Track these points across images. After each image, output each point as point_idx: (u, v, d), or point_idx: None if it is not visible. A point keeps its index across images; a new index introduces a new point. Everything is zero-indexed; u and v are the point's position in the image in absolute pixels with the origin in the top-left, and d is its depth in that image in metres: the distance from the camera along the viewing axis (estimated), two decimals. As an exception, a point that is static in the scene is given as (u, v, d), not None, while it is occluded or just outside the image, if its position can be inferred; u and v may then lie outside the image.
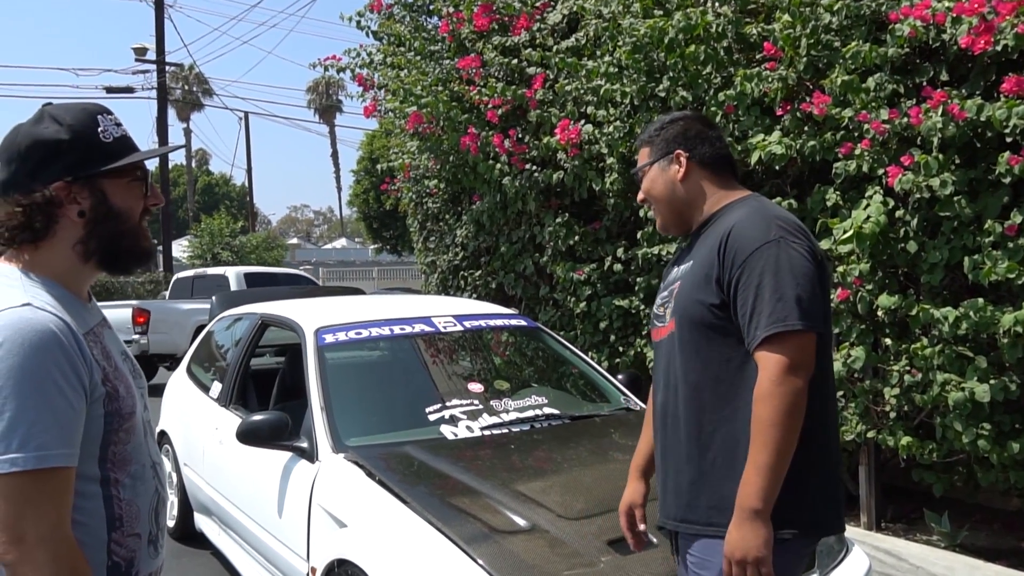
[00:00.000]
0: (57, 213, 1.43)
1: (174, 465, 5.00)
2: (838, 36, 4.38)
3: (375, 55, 7.63)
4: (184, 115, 52.10)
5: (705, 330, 1.93)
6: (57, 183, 1.42)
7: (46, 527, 1.28)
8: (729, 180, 2.11)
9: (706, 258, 1.95)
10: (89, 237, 1.45)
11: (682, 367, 1.98)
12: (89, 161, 1.44)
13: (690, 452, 1.95)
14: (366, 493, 2.98)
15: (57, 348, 1.32)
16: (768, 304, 1.80)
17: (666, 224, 2.18)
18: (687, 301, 1.98)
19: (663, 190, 2.12)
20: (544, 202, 6.40)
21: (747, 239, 1.87)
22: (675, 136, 2.11)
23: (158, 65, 21.58)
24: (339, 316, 4.10)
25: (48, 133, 1.43)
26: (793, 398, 1.76)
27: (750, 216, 1.93)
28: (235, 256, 30.22)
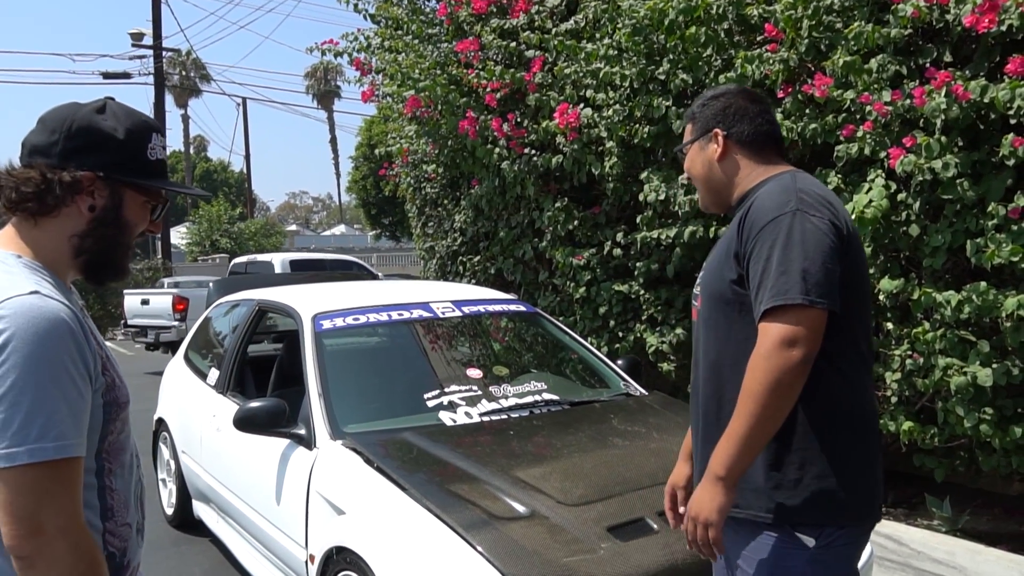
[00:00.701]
0: (71, 198, 1.43)
1: (172, 452, 4.98)
2: (840, 17, 4.34)
3: (373, 39, 7.57)
4: (182, 101, 51.95)
5: (724, 306, 1.90)
6: (87, 172, 1.43)
7: (65, 518, 1.28)
8: (771, 157, 2.04)
9: (730, 233, 1.93)
10: (88, 234, 1.46)
11: (704, 344, 1.97)
12: (126, 168, 1.47)
13: (709, 432, 1.92)
14: (364, 480, 2.96)
15: (69, 336, 1.31)
16: (772, 276, 1.75)
17: (705, 203, 2.15)
18: (711, 277, 1.96)
19: (701, 169, 2.08)
20: (543, 187, 6.36)
21: (763, 211, 1.83)
22: (715, 113, 2.06)
23: (155, 50, 21.47)
24: (337, 302, 4.07)
25: (106, 126, 1.45)
26: (781, 374, 1.70)
27: (772, 188, 1.89)
28: (234, 243, 30.19)
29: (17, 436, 1.24)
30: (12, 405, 1.24)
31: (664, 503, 2.25)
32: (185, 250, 32.59)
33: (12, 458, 1.23)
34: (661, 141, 5.33)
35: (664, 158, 5.44)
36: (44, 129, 1.44)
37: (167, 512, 5.13)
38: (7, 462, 1.23)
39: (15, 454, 1.23)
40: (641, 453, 3.19)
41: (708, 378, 1.94)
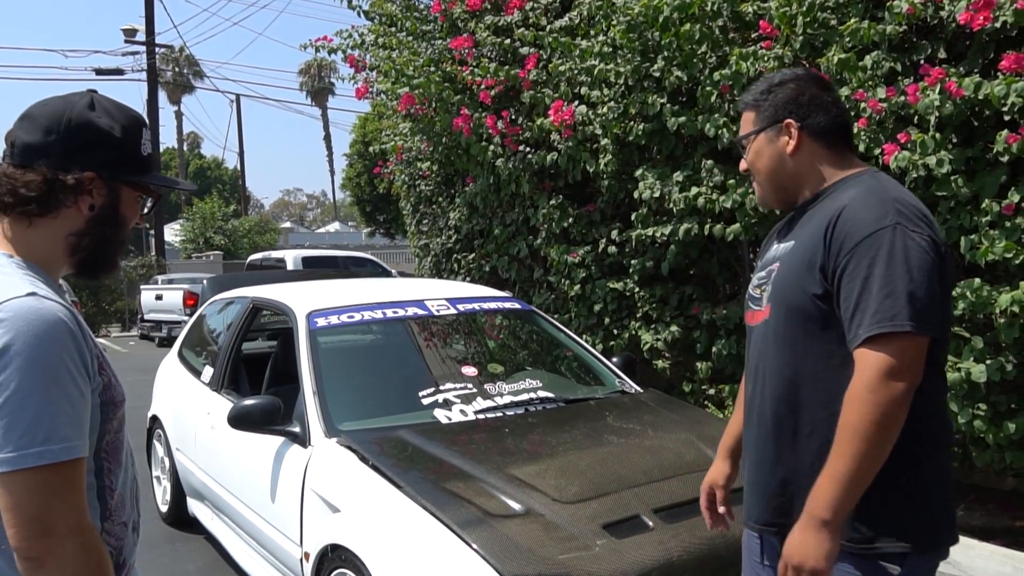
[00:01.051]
0: (72, 199, 1.42)
1: (166, 450, 4.97)
2: (835, 14, 4.34)
3: (367, 36, 7.55)
4: (175, 97, 51.76)
5: (804, 321, 1.75)
6: (90, 172, 1.42)
7: (75, 518, 1.28)
8: (844, 152, 1.88)
9: (811, 241, 1.76)
10: (87, 232, 1.45)
11: (776, 359, 1.82)
12: (125, 166, 1.47)
13: (781, 452, 1.80)
14: (359, 478, 2.95)
15: (68, 338, 1.31)
16: (875, 299, 1.61)
17: (767, 199, 1.97)
18: (786, 287, 1.80)
19: (769, 164, 1.90)
20: (538, 184, 6.36)
21: (858, 223, 1.67)
22: (786, 101, 1.86)
23: (148, 46, 21.41)
24: (331, 299, 4.06)
25: (102, 123, 1.44)
26: (887, 407, 1.57)
27: (864, 196, 1.72)
28: (228, 240, 30.13)
29: (24, 439, 1.24)
30: (18, 408, 1.24)
31: (700, 501, 2.17)
32: (179, 247, 32.51)
33: (21, 461, 1.23)
34: (656, 138, 5.33)
35: (659, 155, 5.44)
36: (36, 127, 1.41)
37: (161, 509, 5.12)
38: (16, 465, 1.23)
39: (23, 457, 1.24)
40: (636, 450, 3.19)
41: (782, 395, 1.80)
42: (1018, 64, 3.60)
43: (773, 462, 1.82)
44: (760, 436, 1.86)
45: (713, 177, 4.86)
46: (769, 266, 1.90)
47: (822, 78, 1.95)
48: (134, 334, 19.18)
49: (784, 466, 1.79)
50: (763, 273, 1.91)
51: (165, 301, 13.50)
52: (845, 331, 1.67)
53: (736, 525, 2.74)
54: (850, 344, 1.65)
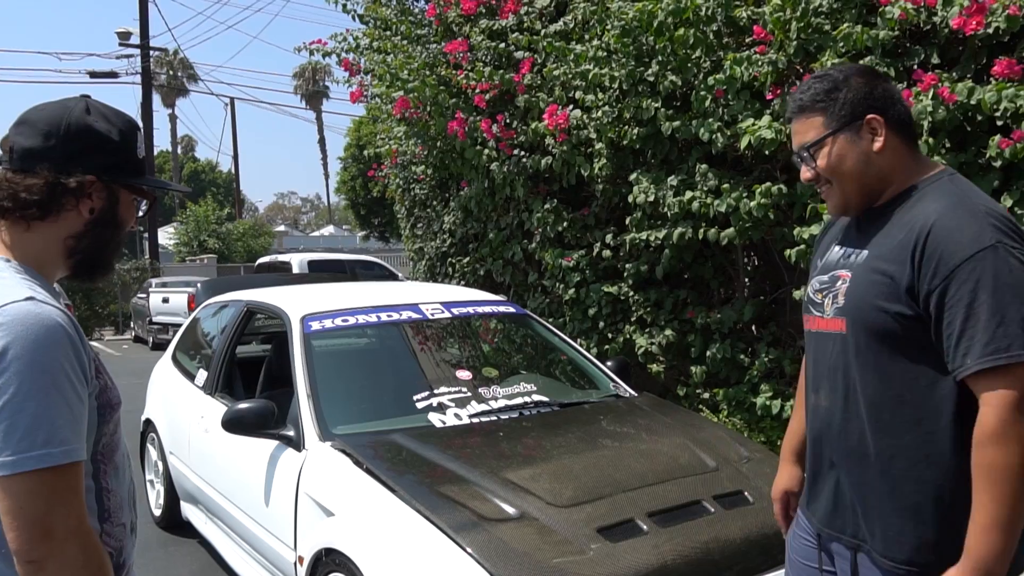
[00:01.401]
0: (72, 202, 1.43)
1: (160, 453, 4.96)
2: (828, 19, 4.35)
3: (361, 39, 7.55)
4: (169, 101, 51.75)
5: (888, 341, 1.66)
6: (91, 176, 1.44)
7: (75, 521, 1.29)
8: (916, 148, 1.77)
9: (892, 256, 1.65)
10: (85, 235, 1.46)
11: (859, 379, 1.72)
12: (122, 168, 1.49)
13: (864, 473, 1.74)
14: (354, 481, 2.95)
15: (67, 342, 1.32)
16: (986, 328, 1.52)
17: (848, 205, 1.79)
18: (864, 305, 1.69)
19: (855, 166, 1.72)
20: (532, 188, 6.36)
21: (955, 244, 1.56)
22: (861, 96, 1.71)
23: (142, 50, 21.38)
24: (325, 303, 4.06)
25: (100, 127, 1.46)
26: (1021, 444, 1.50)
27: (954, 210, 1.60)
28: (222, 243, 30.10)
29: (24, 443, 1.25)
30: (17, 412, 1.25)
31: (776, 510, 2.13)
32: (173, 250, 32.45)
33: (21, 464, 1.24)
34: (650, 142, 5.34)
35: (653, 159, 5.45)
36: (35, 132, 1.42)
37: (155, 513, 5.10)
38: (16, 468, 1.24)
39: (23, 460, 1.24)
40: (631, 454, 3.19)
41: (864, 417, 1.72)
42: (1010, 70, 3.62)
43: (856, 479, 1.76)
44: (842, 451, 1.78)
45: (707, 181, 4.87)
46: (833, 271, 1.79)
47: (879, 71, 1.83)
48: (127, 337, 19.15)
49: (867, 488, 1.73)
50: (826, 278, 1.81)
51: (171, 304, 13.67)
52: (946, 358, 1.58)
53: (727, 529, 2.75)
54: (956, 372, 1.57)
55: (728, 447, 3.35)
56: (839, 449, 1.79)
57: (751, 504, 2.91)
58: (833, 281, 1.78)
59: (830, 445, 1.81)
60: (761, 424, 4.93)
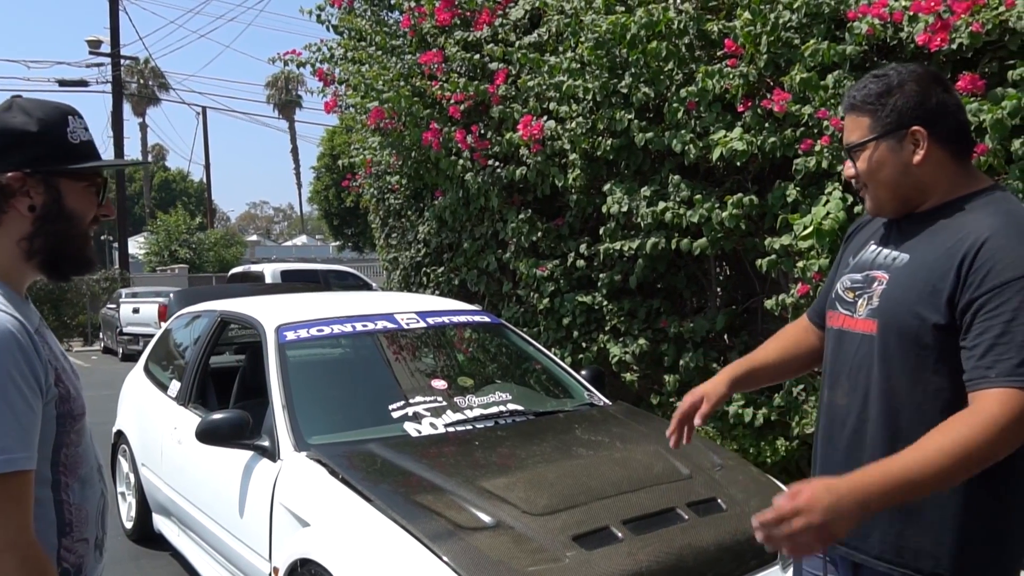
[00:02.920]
0: (7, 204, 1.39)
1: (131, 465, 4.91)
2: (798, 34, 4.43)
3: (336, 50, 7.56)
4: (140, 110, 51.31)
5: (917, 349, 1.63)
6: (13, 173, 1.38)
7: (13, 532, 1.25)
8: (967, 161, 1.73)
9: (936, 264, 1.62)
10: (36, 234, 1.41)
11: (880, 382, 1.70)
12: (52, 157, 1.41)
13: None
14: (329, 491, 2.95)
15: (16, 348, 1.29)
16: (1020, 348, 1.49)
17: (882, 209, 1.78)
18: (899, 309, 1.66)
19: (892, 175, 1.70)
20: (507, 198, 6.39)
21: (1008, 261, 1.53)
22: (913, 106, 1.67)
23: (113, 58, 21.20)
24: (300, 313, 4.06)
25: (16, 122, 1.40)
26: (1000, 448, 1.48)
27: (1009, 227, 1.58)
28: (193, 253, 29.84)
29: None
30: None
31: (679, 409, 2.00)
32: (143, 260, 32.12)
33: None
34: (623, 154, 5.39)
35: (627, 170, 5.50)
36: None
37: (126, 526, 5.05)
38: None
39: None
40: (605, 462, 3.22)
41: (882, 421, 1.70)
42: (973, 85, 3.71)
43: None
44: (851, 453, 1.76)
45: (680, 192, 4.93)
46: (869, 271, 1.76)
47: (944, 77, 1.77)
48: (96, 348, 18.91)
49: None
50: (859, 277, 1.77)
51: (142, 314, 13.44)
52: (968, 367, 1.55)
53: (701, 536, 2.78)
54: (974, 383, 1.53)
55: (701, 455, 3.38)
56: (849, 449, 1.78)
57: (724, 511, 2.95)
58: (868, 282, 1.75)
59: (841, 444, 1.80)
60: (733, 432, 4.99)
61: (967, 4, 3.73)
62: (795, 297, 4.37)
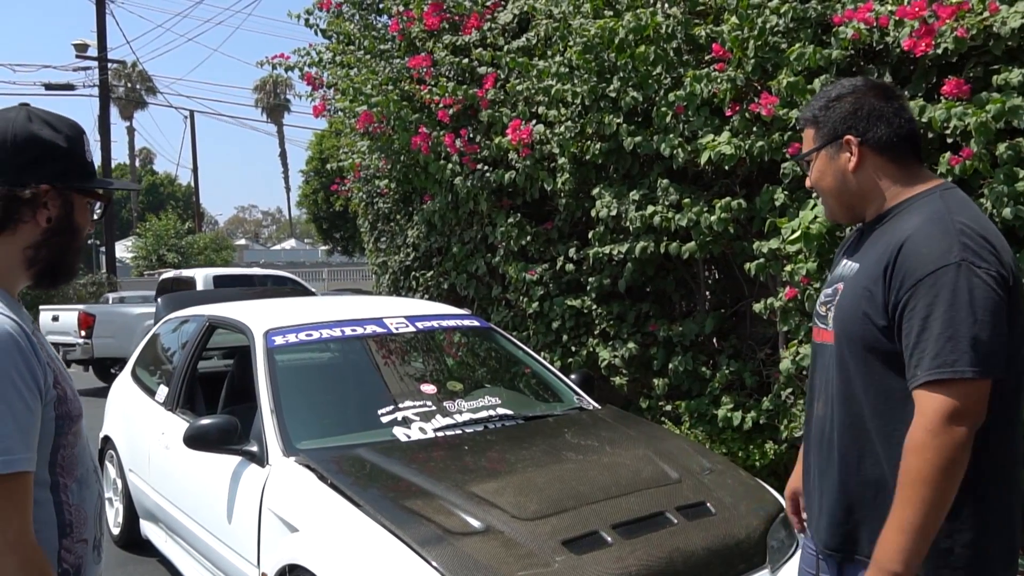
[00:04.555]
0: (30, 213, 1.44)
1: (119, 471, 4.88)
2: (785, 38, 4.45)
3: (324, 54, 7.55)
4: (127, 113, 51.11)
5: (866, 353, 1.71)
6: (45, 185, 1.43)
7: (13, 533, 1.26)
8: (911, 165, 1.79)
9: (873, 270, 1.70)
10: (43, 244, 1.46)
11: (840, 389, 1.78)
12: (75, 174, 1.48)
13: (845, 480, 1.78)
14: (318, 496, 2.94)
15: (16, 350, 1.31)
16: (935, 342, 1.56)
17: (834, 215, 1.91)
18: (847, 317, 1.75)
19: (832, 182, 1.82)
20: (496, 202, 6.40)
21: (920, 258, 1.61)
22: (844, 116, 1.78)
23: (100, 62, 21.10)
24: (289, 318, 4.05)
25: (46, 135, 1.44)
26: (951, 452, 1.54)
27: (928, 227, 1.64)
28: (182, 257, 29.72)
29: None
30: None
31: (787, 507, 2.18)
32: (131, 264, 31.97)
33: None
34: (612, 157, 5.40)
35: (615, 174, 5.51)
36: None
37: (113, 532, 5.02)
38: None
39: None
40: (595, 467, 3.22)
41: (848, 424, 1.77)
42: (958, 89, 3.73)
43: (838, 490, 1.79)
44: (827, 460, 1.83)
45: (668, 196, 4.94)
46: (835, 284, 1.85)
47: (885, 86, 1.86)
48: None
49: (849, 495, 1.76)
50: (830, 291, 1.87)
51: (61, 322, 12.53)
52: (905, 369, 1.63)
53: (690, 540, 2.79)
54: (909, 383, 1.62)
55: (690, 459, 3.39)
56: (827, 456, 1.84)
57: (713, 515, 2.95)
58: (834, 294, 1.83)
59: (820, 453, 1.87)
60: (722, 436, 5.00)
61: (952, 9, 3.75)
62: (783, 301, 4.39)
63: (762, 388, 5.04)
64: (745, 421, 4.79)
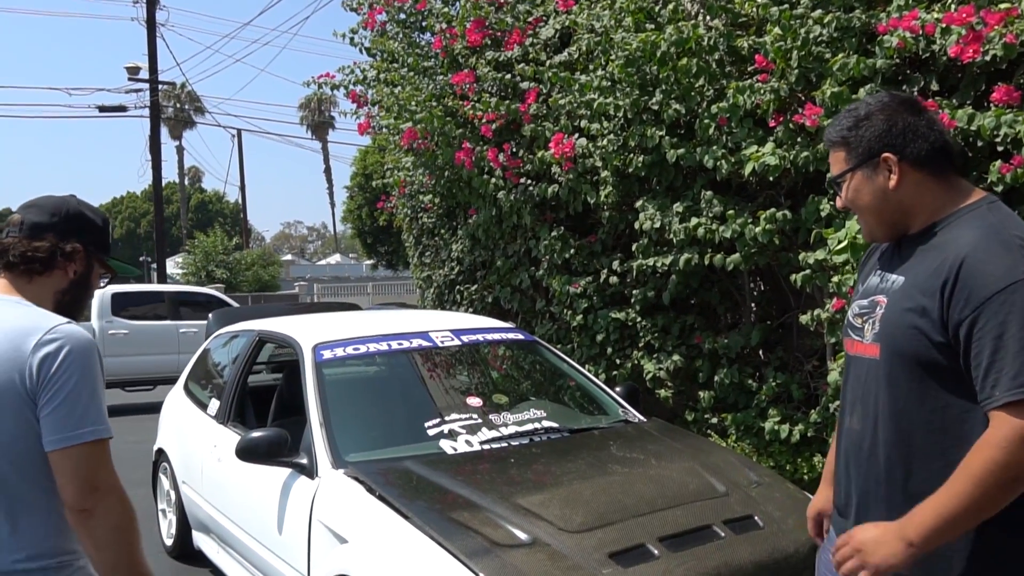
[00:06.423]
0: (65, 263, 1.90)
1: (172, 483, 4.99)
2: (829, 48, 4.42)
3: (368, 72, 7.66)
4: (176, 133, 52.11)
5: (918, 368, 1.68)
6: (79, 246, 1.91)
7: (113, 479, 1.74)
8: (950, 177, 1.77)
9: (926, 286, 1.67)
10: (68, 291, 1.93)
11: (889, 405, 1.74)
12: (101, 245, 1.98)
13: (892, 497, 1.75)
14: (366, 508, 2.98)
15: (97, 352, 1.79)
16: (1014, 361, 1.53)
17: (874, 234, 1.87)
18: (896, 332, 1.71)
19: (872, 201, 1.79)
20: (539, 216, 6.42)
21: (986, 277, 1.58)
22: (879, 135, 1.76)
23: (151, 84, 21.61)
24: (337, 332, 4.11)
25: (91, 215, 1.98)
26: (1016, 472, 1.52)
27: (987, 241, 1.62)
28: (229, 273, 30.20)
29: (87, 420, 1.69)
30: (76, 399, 1.69)
31: (809, 528, 2.18)
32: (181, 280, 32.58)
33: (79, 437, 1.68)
34: (655, 170, 5.40)
35: (659, 187, 5.51)
36: (43, 212, 1.90)
37: (166, 543, 5.12)
38: (76, 440, 1.67)
39: (82, 434, 1.68)
40: (640, 480, 3.22)
41: (895, 441, 1.74)
42: (1008, 96, 3.68)
43: (883, 504, 1.77)
44: (867, 477, 1.81)
45: (712, 208, 4.93)
46: (873, 296, 1.82)
47: (913, 100, 1.85)
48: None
49: (895, 512, 1.71)
50: (866, 303, 1.84)
51: None
52: (977, 389, 1.59)
53: (737, 554, 2.77)
54: (985, 404, 1.58)
55: (737, 472, 3.37)
56: (868, 473, 1.81)
57: (761, 529, 2.93)
58: (873, 307, 1.81)
59: (859, 468, 1.84)
60: (770, 449, 4.95)
61: (1000, 15, 3.70)
62: (830, 312, 4.34)
63: (809, 401, 4.98)
64: (793, 434, 4.74)
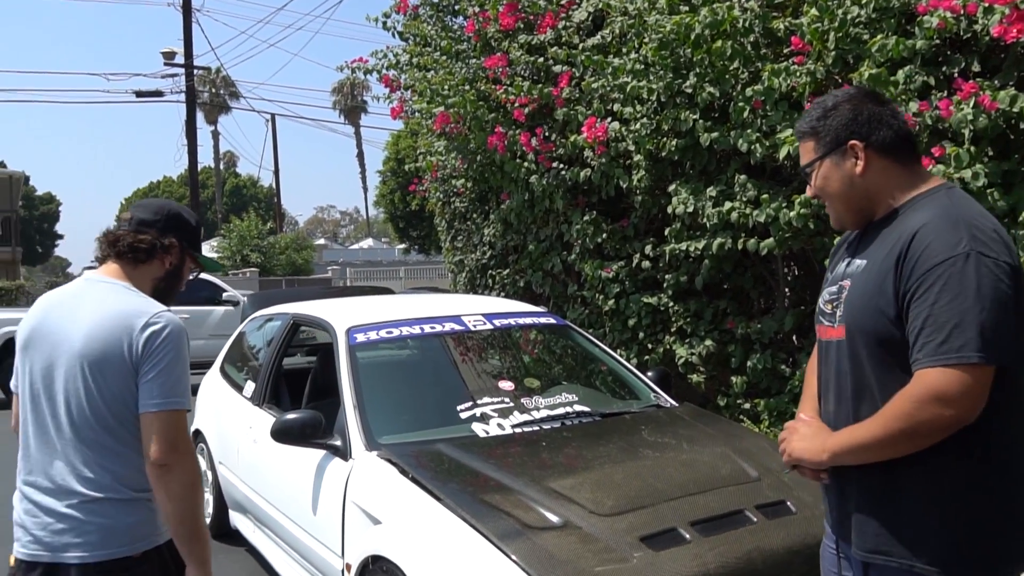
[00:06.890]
0: (163, 255, 2.23)
1: (209, 463, 5.07)
2: (867, 29, 4.35)
3: (401, 56, 7.68)
4: (212, 118, 52.63)
5: (879, 346, 1.75)
6: (176, 241, 2.25)
7: (189, 443, 2.10)
8: (913, 165, 1.86)
9: (884, 264, 1.75)
10: (163, 279, 2.26)
11: (854, 384, 1.82)
12: (193, 242, 2.32)
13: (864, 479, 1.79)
14: (400, 490, 3.01)
15: (187, 337, 2.12)
16: (943, 328, 1.61)
17: (842, 221, 1.94)
18: (857, 310, 1.79)
19: (840, 187, 1.87)
20: (571, 200, 6.41)
21: (931, 249, 1.66)
22: (846, 122, 1.84)
23: (186, 69, 21.80)
24: (370, 315, 4.14)
25: (187, 216, 2.32)
26: (923, 427, 1.62)
27: (938, 220, 1.70)
28: (264, 257, 30.49)
29: (176, 391, 2.06)
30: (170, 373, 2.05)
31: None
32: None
33: (169, 405, 2.04)
34: (689, 154, 5.36)
35: (692, 171, 5.47)
36: (148, 211, 2.25)
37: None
38: (166, 407, 2.03)
39: (172, 403, 2.04)
40: (672, 464, 3.22)
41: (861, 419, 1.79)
42: (1053, 77, 3.60)
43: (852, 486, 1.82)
44: None
45: (746, 192, 4.89)
46: (840, 282, 1.89)
47: (876, 93, 1.94)
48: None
49: (865, 491, 1.78)
50: (834, 289, 1.90)
51: None
52: (911, 352, 1.67)
53: (770, 539, 2.76)
54: (913, 366, 1.66)
55: (770, 457, 3.35)
56: None
57: (794, 514, 2.91)
58: (840, 291, 1.87)
59: None
60: (803, 434, 4.91)
61: (1045, -6, 3.62)
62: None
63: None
64: (827, 420, 4.70)
